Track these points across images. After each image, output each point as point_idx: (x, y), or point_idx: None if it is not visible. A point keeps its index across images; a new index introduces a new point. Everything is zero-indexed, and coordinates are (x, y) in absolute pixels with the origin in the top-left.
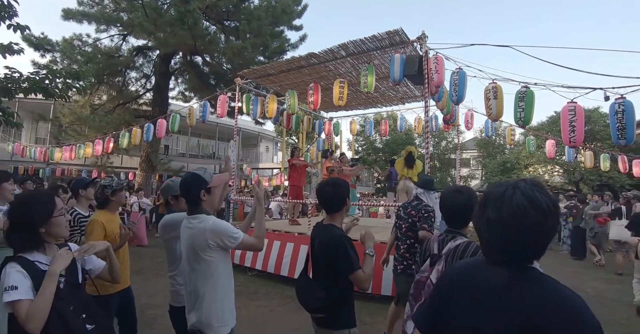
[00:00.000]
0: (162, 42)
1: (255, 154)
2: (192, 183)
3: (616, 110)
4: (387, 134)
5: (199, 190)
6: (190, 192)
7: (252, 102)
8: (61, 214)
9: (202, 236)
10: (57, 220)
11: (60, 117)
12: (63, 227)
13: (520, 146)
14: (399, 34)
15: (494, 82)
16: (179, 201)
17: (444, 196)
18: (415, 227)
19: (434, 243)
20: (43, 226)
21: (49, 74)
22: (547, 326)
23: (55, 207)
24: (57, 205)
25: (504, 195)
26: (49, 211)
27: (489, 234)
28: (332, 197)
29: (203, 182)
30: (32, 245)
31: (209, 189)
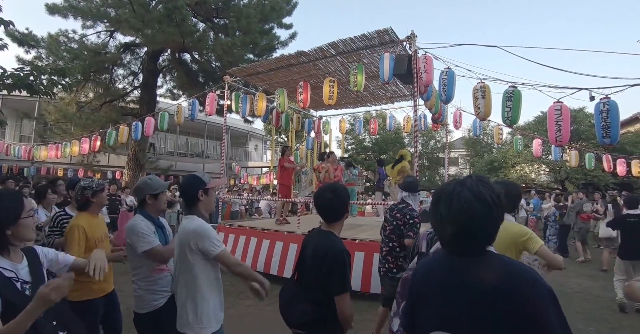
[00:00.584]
0: (150, 39)
1: (244, 152)
2: (192, 183)
3: (601, 109)
4: (377, 133)
5: (197, 190)
6: (189, 191)
7: (241, 101)
8: (29, 216)
9: (187, 236)
10: (24, 222)
11: (45, 115)
12: (30, 229)
13: (508, 145)
14: (388, 33)
15: (482, 81)
16: (158, 201)
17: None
18: (398, 231)
19: (423, 241)
20: (10, 227)
21: (34, 71)
22: (509, 294)
23: (23, 208)
24: (26, 206)
25: (452, 192)
26: (17, 212)
27: (442, 228)
28: (333, 206)
29: (202, 183)
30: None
31: (207, 190)
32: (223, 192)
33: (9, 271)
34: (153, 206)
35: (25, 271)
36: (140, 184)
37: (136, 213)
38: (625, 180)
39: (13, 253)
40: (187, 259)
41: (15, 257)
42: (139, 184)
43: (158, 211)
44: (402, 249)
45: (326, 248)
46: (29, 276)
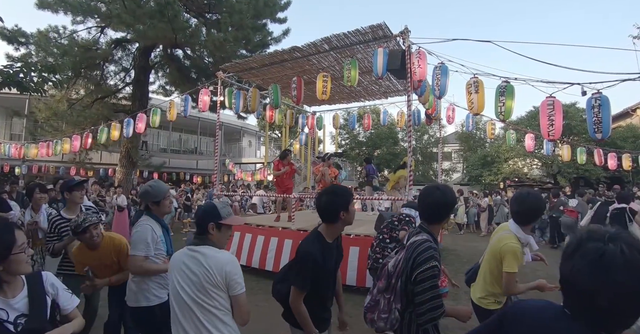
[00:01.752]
0: (142, 34)
1: (238, 148)
2: (205, 213)
3: (593, 104)
4: (371, 128)
5: (209, 222)
6: (200, 219)
7: (234, 96)
8: (21, 251)
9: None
10: (16, 257)
11: (35, 113)
12: (24, 264)
13: (501, 140)
14: (382, 29)
15: (475, 76)
16: (160, 206)
17: (422, 191)
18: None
19: (407, 235)
20: (1, 264)
21: (24, 68)
22: None
23: (14, 243)
24: (17, 240)
25: (606, 252)
26: (7, 247)
27: (576, 289)
28: (326, 208)
29: (217, 216)
30: None
31: (220, 226)
32: (217, 189)
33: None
34: (156, 211)
35: (23, 302)
36: (141, 193)
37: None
38: (616, 174)
39: (7, 287)
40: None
41: (11, 290)
42: (141, 192)
43: (163, 214)
44: (392, 241)
45: (300, 247)
46: (26, 307)
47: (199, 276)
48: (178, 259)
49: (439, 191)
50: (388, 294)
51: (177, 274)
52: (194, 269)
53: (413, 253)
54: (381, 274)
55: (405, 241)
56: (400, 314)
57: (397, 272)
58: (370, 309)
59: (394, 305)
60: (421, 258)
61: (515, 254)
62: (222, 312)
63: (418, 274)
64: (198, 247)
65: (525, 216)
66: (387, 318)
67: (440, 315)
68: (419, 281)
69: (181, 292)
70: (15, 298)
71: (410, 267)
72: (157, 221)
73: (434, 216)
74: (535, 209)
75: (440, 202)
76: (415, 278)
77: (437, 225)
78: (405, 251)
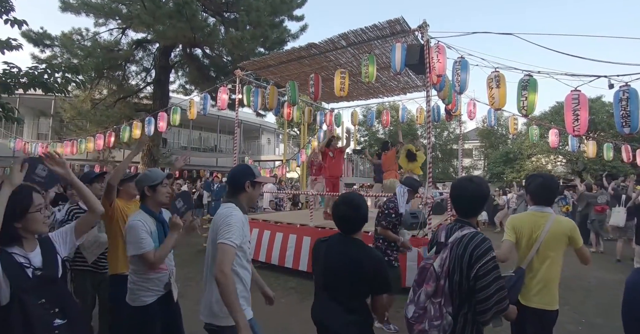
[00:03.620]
0: (161, 34)
1: (257, 146)
2: (242, 172)
3: (620, 98)
4: (389, 125)
5: (246, 180)
6: (237, 179)
7: (252, 94)
8: (37, 210)
9: (216, 221)
10: (33, 216)
11: (61, 113)
12: (40, 223)
13: (523, 136)
14: (399, 23)
15: (496, 70)
16: (156, 192)
17: (454, 185)
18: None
19: (442, 232)
20: (19, 221)
21: (48, 69)
22: None
23: (31, 203)
24: (34, 201)
25: None
26: (25, 206)
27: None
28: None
29: (252, 174)
30: (8, 240)
31: (254, 183)
32: None
33: (21, 257)
34: (152, 199)
35: (38, 258)
36: (139, 176)
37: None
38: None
39: (26, 243)
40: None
41: (27, 246)
42: (138, 176)
43: (158, 204)
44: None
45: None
46: (41, 262)
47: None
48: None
49: (473, 184)
50: (437, 298)
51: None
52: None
53: (467, 247)
54: (425, 277)
55: (444, 238)
56: (453, 318)
57: (445, 272)
58: (418, 319)
59: (445, 309)
60: (480, 250)
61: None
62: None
63: (480, 268)
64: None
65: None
66: (440, 324)
67: (507, 307)
68: (481, 275)
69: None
70: (32, 252)
71: (468, 263)
72: (150, 214)
73: (470, 210)
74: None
75: (476, 196)
76: (476, 273)
77: (474, 218)
78: (450, 250)
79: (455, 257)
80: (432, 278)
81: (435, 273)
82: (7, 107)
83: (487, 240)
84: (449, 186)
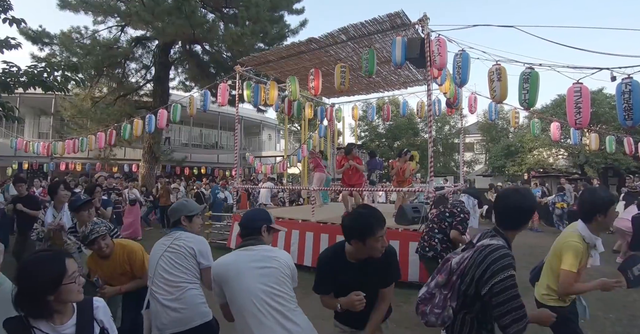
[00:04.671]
0: (160, 31)
1: (257, 142)
2: (259, 216)
3: (623, 90)
4: (390, 119)
5: (262, 225)
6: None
7: (252, 90)
8: (72, 281)
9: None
10: (67, 287)
11: (61, 111)
12: (75, 292)
13: (525, 129)
14: (400, 17)
15: (497, 63)
16: (192, 223)
17: (500, 194)
18: (442, 216)
19: (478, 233)
20: (51, 294)
21: (47, 67)
22: None
23: (65, 273)
24: (68, 270)
25: None
26: (58, 278)
27: None
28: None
29: (269, 220)
30: (39, 314)
31: (270, 229)
32: (236, 182)
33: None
34: (187, 228)
35: (71, 330)
36: (177, 205)
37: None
38: None
39: (58, 315)
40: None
41: (60, 317)
42: (176, 205)
43: (193, 232)
44: (439, 232)
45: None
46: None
47: (276, 268)
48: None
49: (519, 194)
50: (446, 290)
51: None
52: (267, 264)
53: (486, 258)
54: (442, 268)
55: (476, 241)
56: (455, 313)
57: (460, 270)
58: (424, 301)
59: (449, 302)
60: (497, 266)
61: (575, 253)
62: (293, 301)
63: (495, 284)
64: (258, 246)
65: (586, 212)
66: (440, 313)
67: (526, 325)
68: (497, 292)
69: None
70: (63, 325)
71: (481, 274)
72: None
73: (512, 222)
74: (592, 204)
75: (520, 207)
76: (492, 289)
77: (513, 231)
78: (473, 252)
79: (473, 262)
80: (447, 271)
81: (451, 268)
82: (7, 106)
83: (508, 257)
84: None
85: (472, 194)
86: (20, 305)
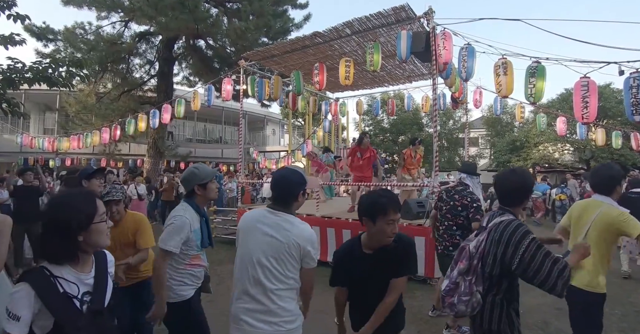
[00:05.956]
0: (164, 26)
1: (262, 137)
2: (298, 180)
3: (631, 85)
4: (394, 114)
5: (300, 190)
6: (289, 188)
7: (257, 85)
8: (103, 220)
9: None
10: (97, 227)
11: (66, 107)
12: (104, 235)
13: (530, 124)
14: (405, 10)
15: (504, 57)
16: (207, 190)
17: (498, 176)
18: (454, 211)
19: (485, 217)
20: (82, 233)
21: (52, 63)
22: None
23: (96, 212)
24: (99, 209)
25: None
26: (89, 216)
27: None
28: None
29: (304, 183)
30: (67, 256)
31: (304, 192)
32: (241, 178)
33: (68, 283)
34: (202, 196)
35: (92, 280)
36: (187, 175)
37: (182, 202)
38: None
39: (83, 261)
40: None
41: (84, 266)
42: (186, 174)
43: (207, 200)
44: (458, 228)
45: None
46: (92, 286)
47: (282, 243)
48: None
49: (516, 175)
50: (469, 276)
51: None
52: (275, 235)
53: (503, 234)
54: (461, 255)
55: (486, 223)
56: (483, 297)
57: (480, 253)
58: (449, 292)
59: (475, 287)
60: (516, 238)
61: (632, 218)
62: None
63: (523, 254)
64: (285, 214)
65: (607, 185)
66: (469, 300)
67: (569, 275)
68: (529, 260)
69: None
70: (88, 274)
71: (504, 251)
72: (196, 211)
73: (514, 200)
74: (611, 177)
75: (519, 186)
76: (522, 260)
77: (517, 208)
78: (488, 233)
79: (491, 241)
80: (466, 257)
81: (469, 253)
82: (12, 102)
83: (522, 226)
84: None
85: (468, 171)
86: (47, 246)
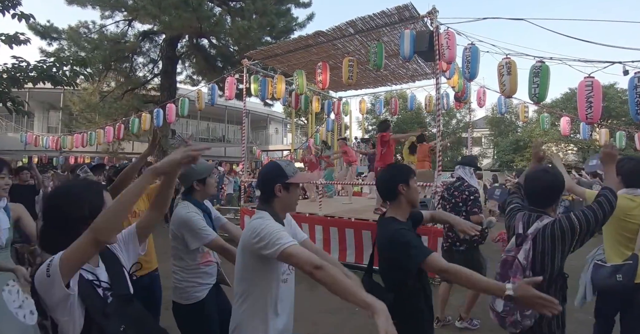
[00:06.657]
0: (167, 25)
1: (264, 136)
2: (270, 174)
3: (635, 84)
4: (398, 113)
5: (275, 184)
6: (265, 184)
7: (260, 84)
8: None
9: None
10: None
11: (70, 106)
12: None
13: (534, 124)
14: (408, 9)
15: (507, 57)
16: (206, 185)
17: (529, 175)
18: (457, 208)
19: (519, 223)
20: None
21: (56, 62)
22: None
23: (103, 204)
24: (106, 201)
25: None
26: (97, 207)
27: None
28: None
29: (283, 175)
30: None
31: (288, 186)
32: (244, 176)
33: (89, 273)
34: (201, 192)
35: (105, 274)
36: (185, 172)
37: (181, 201)
38: None
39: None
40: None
41: (92, 260)
42: (183, 170)
43: (206, 195)
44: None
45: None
46: (107, 279)
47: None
48: None
49: (548, 174)
50: None
51: None
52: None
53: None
54: (512, 270)
55: (522, 230)
56: None
57: (531, 262)
58: (509, 312)
59: None
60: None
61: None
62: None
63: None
64: (258, 211)
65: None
66: (532, 313)
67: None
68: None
69: None
70: (98, 267)
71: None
72: (197, 206)
73: (547, 200)
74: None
75: (552, 186)
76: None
77: (550, 208)
78: (533, 241)
79: (542, 249)
80: (519, 271)
81: (522, 266)
82: (17, 100)
83: (566, 220)
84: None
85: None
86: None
